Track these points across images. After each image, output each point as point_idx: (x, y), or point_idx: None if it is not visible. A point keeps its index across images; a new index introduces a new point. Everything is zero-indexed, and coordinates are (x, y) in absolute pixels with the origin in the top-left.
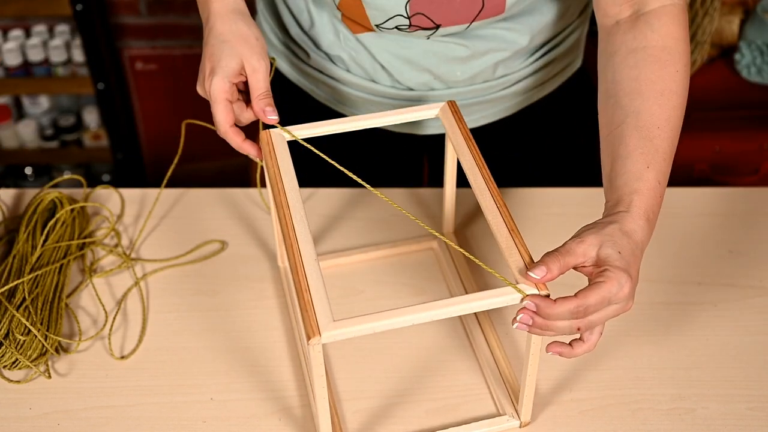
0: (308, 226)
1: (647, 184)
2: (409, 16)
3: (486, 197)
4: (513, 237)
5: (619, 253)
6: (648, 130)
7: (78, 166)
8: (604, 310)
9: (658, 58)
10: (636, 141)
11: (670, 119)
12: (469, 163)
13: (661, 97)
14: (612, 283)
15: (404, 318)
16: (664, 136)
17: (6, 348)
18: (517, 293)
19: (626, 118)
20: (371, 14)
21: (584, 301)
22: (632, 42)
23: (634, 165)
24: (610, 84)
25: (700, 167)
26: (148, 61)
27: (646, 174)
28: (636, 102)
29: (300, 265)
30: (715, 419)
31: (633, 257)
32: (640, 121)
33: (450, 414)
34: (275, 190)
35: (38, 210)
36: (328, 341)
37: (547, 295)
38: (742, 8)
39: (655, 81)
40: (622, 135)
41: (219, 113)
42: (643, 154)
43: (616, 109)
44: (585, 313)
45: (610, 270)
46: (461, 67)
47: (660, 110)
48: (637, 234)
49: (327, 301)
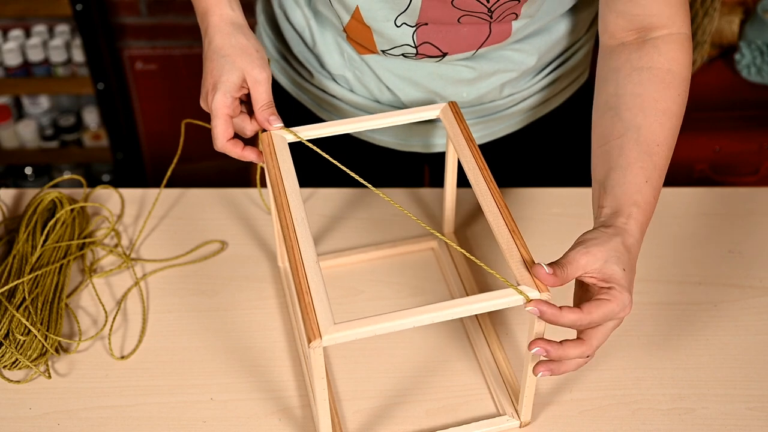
0: (309, 228)
1: (645, 198)
2: (416, 45)
3: (487, 198)
4: (514, 238)
5: (623, 270)
6: (648, 146)
7: (78, 166)
8: (604, 325)
9: (663, 79)
10: (636, 154)
11: (668, 139)
12: (470, 164)
13: (662, 116)
14: (616, 303)
15: (405, 321)
16: (662, 154)
17: (6, 348)
18: (519, 295)
19: (627, 132)
20: (378, 41)
21: (588, 317)
22: (638, 61)
23: (635, 177)
24: (611, 96)
25: (700, 167)
26: (148, 61)
27: (645, 188)
28: (638, 118)
29: (300, 267)
30: (715, 419)
31: (632, 273)
32: (641, 137)
33: (450, 414)
34: (276, 192)
35: (38, 210)
36: (328, 344)
37: (548, 298)
38: (742, 8)
39: (659, 100)
40: (622, 147)
41: (218, 127)
42: (643, 169)
43: (616, 122)
44: (586, 327)
45: (616, 289)
46: (467, 89)
47: (660, 129)
48: (634, 248)
49: (328, 303)
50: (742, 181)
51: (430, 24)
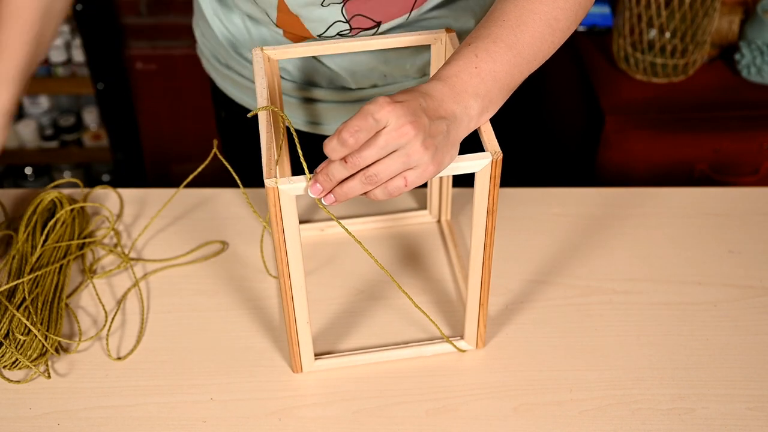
0: (306, 297)
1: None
2: (348, 20)
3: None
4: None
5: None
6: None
7: (78, 166)
8: (375, 144)
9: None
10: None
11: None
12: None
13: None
14: (366, 106)
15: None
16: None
17: (6, 348)
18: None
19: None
20: (310, 26)
21: (348, 126)
22: None
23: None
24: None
25: (700, 167)
26: (148, 61)
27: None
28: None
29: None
30: (715, 419)
31: (405, 93)
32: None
33: (450, 414)
34: (279, 257)
35: (38, 210)
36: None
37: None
38: (742, 8)
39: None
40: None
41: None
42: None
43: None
44: (357, 139)
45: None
46: (410, 60)
47: (514, 7)
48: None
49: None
50: (742, 181)
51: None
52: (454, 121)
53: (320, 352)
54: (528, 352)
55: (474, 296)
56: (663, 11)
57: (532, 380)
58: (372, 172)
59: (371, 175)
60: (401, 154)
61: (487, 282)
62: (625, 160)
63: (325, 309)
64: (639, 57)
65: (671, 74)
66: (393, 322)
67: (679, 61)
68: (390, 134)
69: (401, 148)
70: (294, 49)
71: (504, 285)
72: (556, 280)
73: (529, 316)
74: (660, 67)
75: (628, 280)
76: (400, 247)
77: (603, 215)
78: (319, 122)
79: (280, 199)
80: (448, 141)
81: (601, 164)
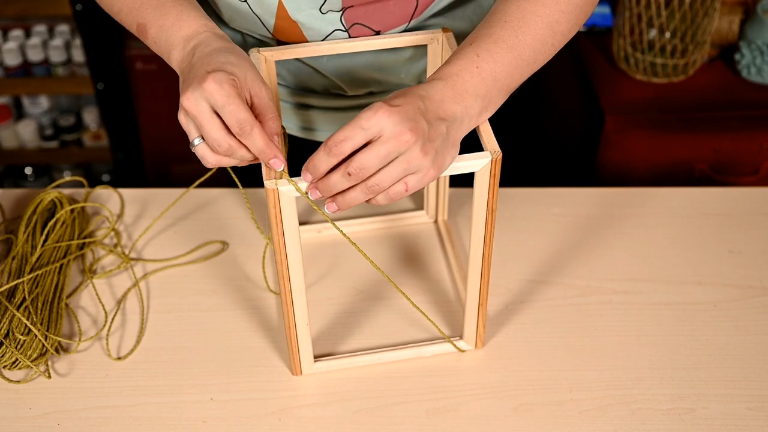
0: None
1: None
2: (347, 29)
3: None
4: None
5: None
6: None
7: (78, 166)
8: (374, 151)
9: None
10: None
11: (524, 18)
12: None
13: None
14: (362, 114)
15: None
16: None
17: (6, 348)
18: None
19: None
20: (309, 35)
21: (334, 137)
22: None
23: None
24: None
25: (700, 167)
26: (148, 61)
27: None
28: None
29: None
30: (714, 419)
31: (402, 95)
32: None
33: (450, 414)
34: (279, 258)
35: (38, 210)
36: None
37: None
38: (742, 8)
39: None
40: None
41: (242, 111)
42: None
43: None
44: (341, 149)
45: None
46: (405, 68)
47: (517, 10)
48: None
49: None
50: (742, 181)
51: (356, 5)
52: (453, 121)
53: (320, 354)
54: (528, 352)
55: (473, 296)
56: (663, 11)
57: (532, 380)
58: (373, 182)
59: (373, 185)
60: (401, 160)
61: (487, 282)
62: (625, 160)
63: (325, 310)
64: (639, 57)
65: (671, 74)
66: (392, 323)
67: (679, 61)
68: (389, 143)
69: (401, 154)
70: (291, 49)
71: (503, 285)
72: (555, 280)
73: (528, 316)
74: (660, 67)
75: (628, 280)
76: (398, 248)
77: (603, 215)
78: (312, 128)
79: (280, 201)
80: (448, 142)
81: (601, 164)
